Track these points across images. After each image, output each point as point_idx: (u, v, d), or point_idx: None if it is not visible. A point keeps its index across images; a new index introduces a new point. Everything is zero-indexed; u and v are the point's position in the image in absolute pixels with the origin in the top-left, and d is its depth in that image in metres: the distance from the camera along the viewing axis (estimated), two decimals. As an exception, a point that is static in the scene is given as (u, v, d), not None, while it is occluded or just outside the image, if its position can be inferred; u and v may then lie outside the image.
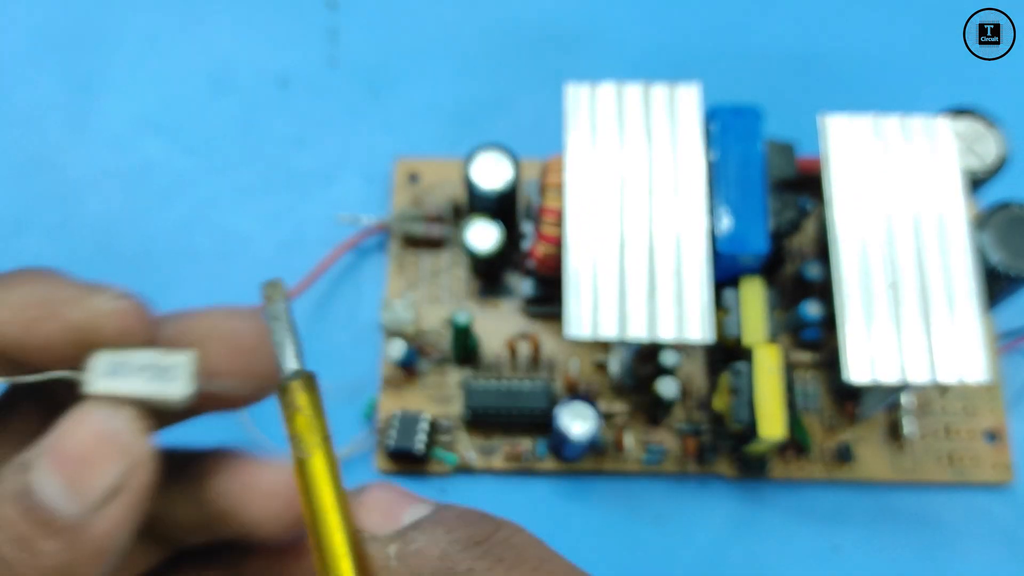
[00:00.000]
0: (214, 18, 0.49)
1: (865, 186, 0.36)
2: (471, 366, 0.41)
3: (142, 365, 0.24)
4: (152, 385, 0.23)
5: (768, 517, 0.39)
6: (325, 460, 0.22)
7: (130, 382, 0.24)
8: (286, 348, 0.23)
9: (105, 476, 0.23)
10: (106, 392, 0.23)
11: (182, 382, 0.23)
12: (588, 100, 0.37)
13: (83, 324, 0.24)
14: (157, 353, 0.24)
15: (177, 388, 0.23)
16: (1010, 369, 0.42)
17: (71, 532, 0.23)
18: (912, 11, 0.49)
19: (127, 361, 0.24)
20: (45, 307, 0.24)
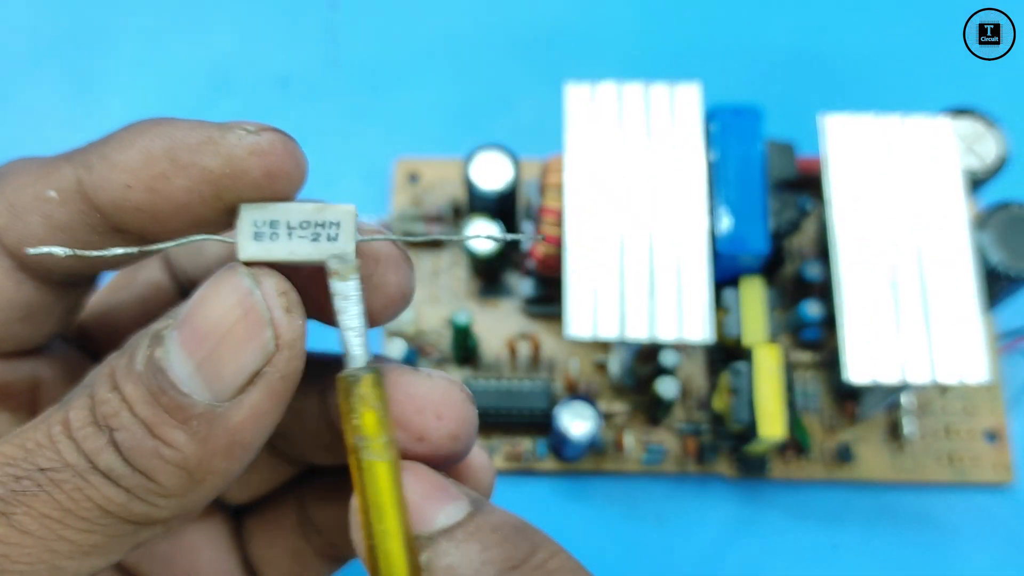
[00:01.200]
0: (215, 18, 0.49)
1: (865, 186, 0.36)
2: (471, 366, 0.41)
3: (298, 221, 0.20)
4: (315, 246, 0.20)
5: (768, 517, 0.39)
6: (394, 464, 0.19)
7: (289, 244, 0.20)
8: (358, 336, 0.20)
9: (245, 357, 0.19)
10: (262, 257, 0.20)
11: (347, 239, 0.20)
12: (588, 100, 0.37)
13: (222, 171, 0.20)
14: (311, 207, 0.20)
15: (343, 246, 0.20)
16: (1010, 369, 0.42)
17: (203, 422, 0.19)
18: (912, 11, 0.49)
19: (279, 218, 0.20)
20: (171, 159, 0.20)
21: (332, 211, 0.20)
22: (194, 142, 0.20)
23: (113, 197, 0.20)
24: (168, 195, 0.20)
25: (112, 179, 0.20)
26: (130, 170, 0.20)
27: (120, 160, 0.20)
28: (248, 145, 0.20)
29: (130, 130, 0.21)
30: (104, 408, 0.19)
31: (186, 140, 0.20)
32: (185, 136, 0.20)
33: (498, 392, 0.39)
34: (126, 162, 0.20)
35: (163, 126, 0.21)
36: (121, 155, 0.20)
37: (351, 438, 0.19)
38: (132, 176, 0.20)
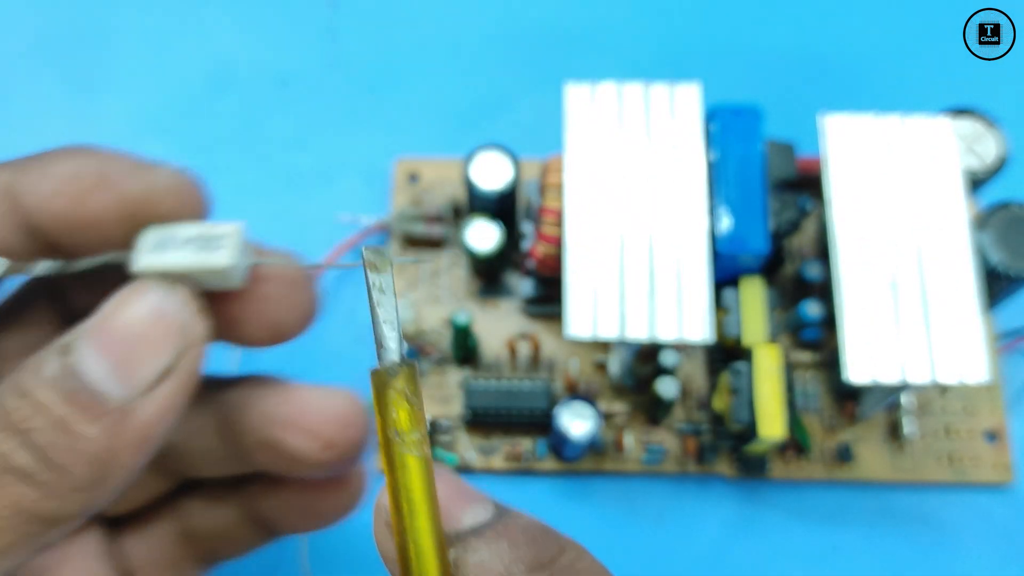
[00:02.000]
0: (214, 17, 0.49)
1: (865, 186, 0.36)
2: (471, 366, 0.41)
3: (188, 237, 0.22)
4: (198, 256, 0.22)
5: (768, 517, 0.39)
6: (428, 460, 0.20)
7: (175, 255, 0.22)
8: (393, 330, 0.20)
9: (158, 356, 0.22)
10: (152, 267, 0.22)
11: (229, 251, 0.22)
12: (588, 100, 0.37)
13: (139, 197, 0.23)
14: (204, 225, 0.22)
15: (224, 256, 0.22)
16: (1010, 369, 0.42)
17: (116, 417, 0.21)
18: (912, 11, 0.49)
19: (174, 235, 0.22)
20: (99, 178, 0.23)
21: (220, 227, 0.22)
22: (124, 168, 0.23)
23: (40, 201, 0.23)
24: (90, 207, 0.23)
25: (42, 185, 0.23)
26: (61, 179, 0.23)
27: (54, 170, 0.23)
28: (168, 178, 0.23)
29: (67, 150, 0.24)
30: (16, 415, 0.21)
31: (116, 165, 0.23)
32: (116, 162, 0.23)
33: (498, 392, 0.39)
34: (59, 173, 0.23)
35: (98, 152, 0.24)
36: (55, 167, 0.23)
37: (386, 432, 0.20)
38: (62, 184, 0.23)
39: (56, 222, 0.23)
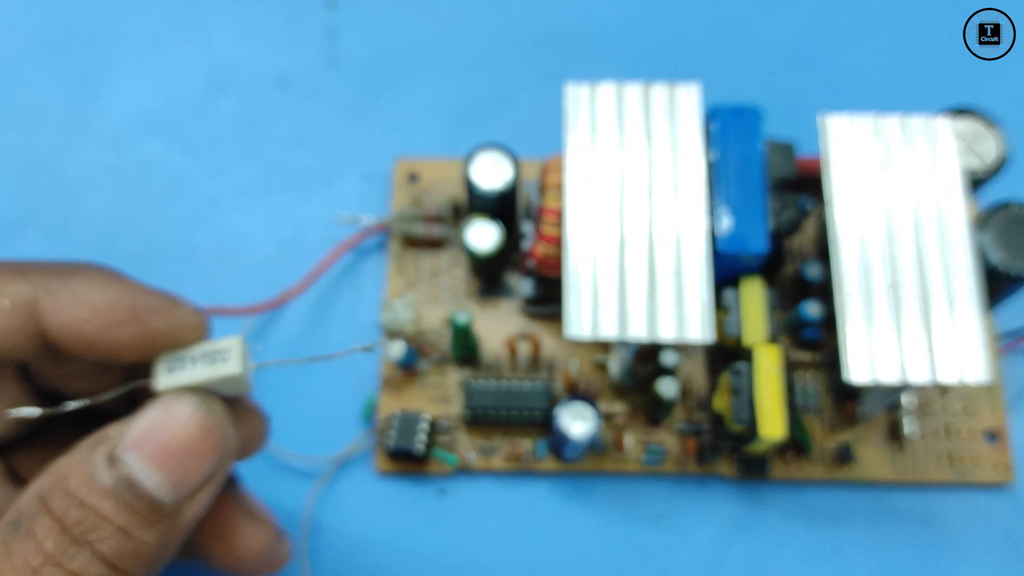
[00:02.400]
0: (214, 18, 0.49)
1: (865, 186, 0.36)
2: (471, 366, 0.41)
3: (198, 355, 0.26)
4: (212, 368, 0.25)
5: (768, 517, 0.39)
6: None
7: (192, 371, 0.26)
8: None
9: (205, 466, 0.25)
10: (172, 384, 0.25)
11: (237, 360, 0.26)
12: (588, 100, 0.37)
13: (163, 333, 0.26)
14: (207, 344, 0.26)
15: (234, 366, 0.25)
16: (1010, 369, 0.42)
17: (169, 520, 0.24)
18: (912, 11, 0.49)
19: (185, 356, 0.26)
20: (130, 314, 0.25)
21: (224, 342, 0.26)
22: (153, 305, 0.26)
23: (67, 324, 0.25)
24: (117, 337, 0.25)
25: (73, 311, 0.25)
26: (94, 310, 0.25)
27: (88, 300, 0.25)
28: (191, 321, 0.26)
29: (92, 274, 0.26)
30: (81, 527, 0.23)
31: (147, 302, 0.26)
32: (146, 299, 0.26)
33: (498, 392, 0.39)
34: (93, 303, 0.25)
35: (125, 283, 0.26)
36: (89, 296, 0.25)
37: None
38: (93, 314, 0.25)
39: (76, 343, 0.25)
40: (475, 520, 0.39)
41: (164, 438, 0.24)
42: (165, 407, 0.25)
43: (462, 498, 0.40)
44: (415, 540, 0.39)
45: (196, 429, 0.25)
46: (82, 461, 0.24)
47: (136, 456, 0.24)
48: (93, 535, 0.23)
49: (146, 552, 0.24)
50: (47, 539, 0.23)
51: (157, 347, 0.26)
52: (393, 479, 0.40)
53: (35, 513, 0.23)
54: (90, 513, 0.23)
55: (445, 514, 0.39)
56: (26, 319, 0.25)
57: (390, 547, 0.39)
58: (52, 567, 0.23)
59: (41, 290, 0.25)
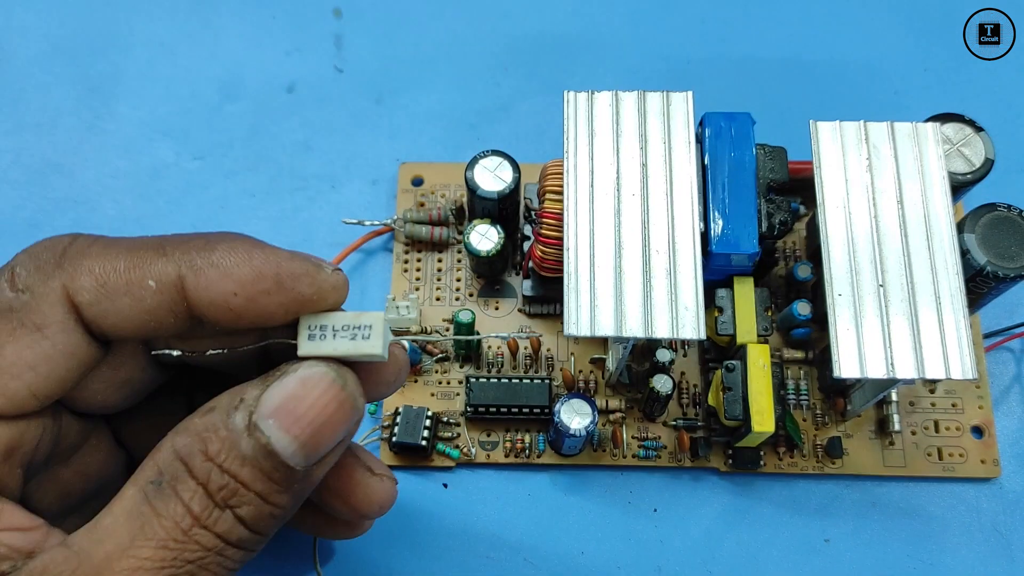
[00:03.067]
0: (223, 26, 0.50)
1: (854, 189, 0.37)
2: (473, 364, 0.42)
3: (341, 325, 0.26)
4: (354, 344, 0.25)
5: (760, 510, 0.40)
6: None
7: (335, 343, 0.25)
8: None
9: (337, 434, 0.25)
10: (317, 353, 0.25)
11: (378, 339, 0.25)
12: (586, 107, 0.38)
13: (309, 298, 0.26)
14: (351, 315, 0.26)
15: (376, 345, 0.25)
16: (996, 366, 0.43)
17: (299, 484, 0.25)
18: (901, 19, 0.50)
19: (327, 324, 0.26)
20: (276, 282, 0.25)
21: (366, 317, 0.26)
22: (297, 271, 0.25)
23: (214, 298, 0.25)
24: (263, 306, 0.25)
25: (220, 285, 0.25)
26: (241, 283, 0.25)
27: (234, 273, 0.25)
28: (333, 282, 0.26)
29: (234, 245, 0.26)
30: (224, 492, 0.24)
31: (291, 269, 0.25)
32: (290, 265, 0.25)
33: (499, 389, 0.40)
34: (239, 276, 0.25)
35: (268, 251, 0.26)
36: (235, 269, 0.25)
37: None
38: (241, 287, 0.25)
39: (224, 315, 0.25)
40: (477, 512, 0.40)
41: (302, 409, 0.24)
42: (302, 378, 0.25)
43: (464, 491, 0.41)
44: (420, 531, 0.40)
45: (332, 402, 0.25)
46: (220, 424, 0.24)
47: (274, 425, 0.24)
48: (234, 499, 0.24)
49: (279, 515, 0.25)
50: (193, 501, 0.23)
51: (303, 311, 0.26)
52: (398, 473, 0.41)
53: (178, 474, 0.24)
54: (231, 479, 0.24)
55: (448, 506, 0.40)
56: (173, 298, 0.25)
57: (395, 538, 0.40)
58: (201, 530, 0.23)
59: (185, 267, 0.25)
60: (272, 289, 0.25)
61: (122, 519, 0.23)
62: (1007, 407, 0.42)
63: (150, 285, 0.25)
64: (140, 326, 0.25)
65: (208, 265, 0.25)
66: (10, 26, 0.50)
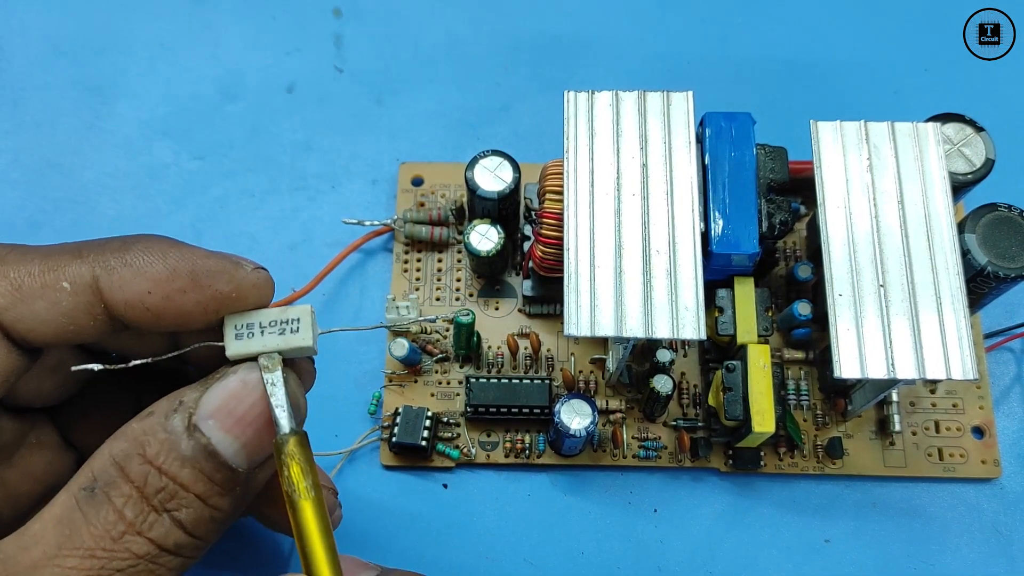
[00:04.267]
0: (223, 26, 0.50)
1: (855, 189, 0.37)
2: (473, 364, 0.42)
3: (269, 321, 0.26)
4: (283, 339, 0.25)
5: (760, 510, 0.40)
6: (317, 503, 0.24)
7: (264, 339, 0.25)
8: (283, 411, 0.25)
9: None
10: (247, 352, 0.25)
11: (307, 331, 0.25)
12: (586, 107, 0.38)
13: (228, 296, 0.25)
14: (277, 311, 0.26)
15: (306, 338, 0.25)
16: (997, 367, 0.43)
17: (242, 487, 0.24)
18: (901, 19, 0.50)
19: (253, 322, 0.26)
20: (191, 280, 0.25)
21: (293, 311, 0.26)
22: (214, 269, 0.25)
23: (129, 298, 0.25)
24: (180, 305, 0.25)
25: (134, 284, 0.25)
26: (155, 281, 0.25)
27: (148, 271, 0.25)
28: (253, 280, 0.26)
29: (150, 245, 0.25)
30: (162, 495, 0.23)
31: (207, 266, 0.25)
32: (206, 263, 0.25)
33: (499, 389, 0.40)
34: (153, 274, 0.25)
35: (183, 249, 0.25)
36: (148, 267, 0.25)
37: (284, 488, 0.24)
38: (155, 286, 0.25)
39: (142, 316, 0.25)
40: (477, 512, 0.40)
41: (242, 409, 0.24)
42: (243, 379, 0.25)
43: (464, 491, 0.41)
44: (420, 532, 0.40)
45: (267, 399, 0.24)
46: (159, 427, 0.24)
47: (215, 425, 0.24)
48: (172, 502, 0.23)
49: (220, 518, 0.24)
50: (127, 507, 0.23)
51: (224, 310, 0.25)
52: (398, 473, 0.41)
53: (112, 479, 0.23)
54: (169, 481, 0.23)
55: (448, 506, 0.40)
56: (89, 300, 0.25)
57: (396, 538, 0.40)
58: (133, 536, 0.23)
59: (99, 268, 0.25)
60: (188, 287, 0.25)
61: (51, 526, 0.23)
62: (1008, 407, 0.42)
63: (64, 287, 0.24)
64: (59, 330, 0.25)
65: (122, 265, 0.25)
66: (10, 26, 0.50)
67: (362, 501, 0.40)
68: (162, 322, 0.25)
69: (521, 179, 0.41)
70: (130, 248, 0.25)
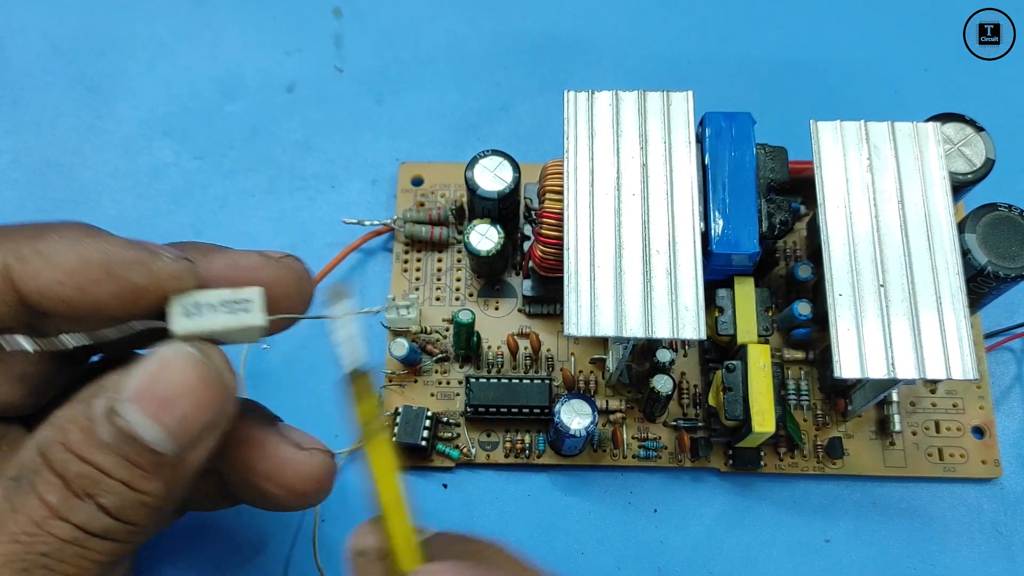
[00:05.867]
0: (223, 25, 0.51)
1: (855, 189, 0.37)
2: (472, 364, 0.42)
3: (219, 301, 0.25)
4: (234, 317, 0.25)
5: (761, 510, 0.40)
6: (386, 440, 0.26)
7: (213, 317, 0.25)
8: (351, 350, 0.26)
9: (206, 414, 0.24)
10: (193, 330, 0.25)
11: (258, 312, 0.25)
12: (586, 107, 0.38)
13: (142, 287, 0.24)
14: (228, 291, 0.25)
15: (258, 317, 0.25)
16: (997, 367, 0.43)
17: (172, 469, 0.24)
18: (901, 19, 0.50)
19: (201, 301, 0.25)
20: (104, 270, 0.24)
21: (244, 291, 0.25)
22: (129, 259, 0.24)
23: (41, 287, 0.24)
24: (95, 296, 0.24)
25: (46, 274, 0.24)
26: (66, 271, 0.24)
27: (59, 261, 0.24)
28: (171, 270, 0.25)
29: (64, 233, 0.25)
30: (84, 482, 0.23)
31: (122, 256, 0.24)
32: (120, 253, 0.24)
33: (499, 389, 0.40)
34: (64, 264, 0.24)
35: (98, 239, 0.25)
36: (60, 257, 0.24)
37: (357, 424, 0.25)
38: (67, 276, 0.24)
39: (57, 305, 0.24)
40: (477, 512, 0.40)
41: (163, 390, 0.23)
42: (161, 358, 0.24)
43: (464, 491, 0.41)
44: (418, 532, 0.40)
45: (195, 380, 0.24)
46: (80, 414, 0.23)
47: (135, 409, 0.23)
48: (95, 489, 0.23)
49: (151, 502, 0.24)
50: (49, 494, 0.23)
51: (141, 302, 0.25)
52: (397, 473, 0.41)
53: (37, 468, 0.23)
54: (91, 468, 0.23)
55: (448, 507, 0.40)
56: (1, 288, 0.24)
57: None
58: (56, 521, 0.23)
59: (11, 256, 0.24)
60: (101, 278, 0.24)
61: None
62: (1008, 407, 0.42)
63: None
64: None
65: (33, 253, 0.24)
66: (10, 26, 0.50)
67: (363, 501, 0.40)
68: (78, 312, 0.24)
69: (521, 179, 0.41)
70: (44, 236, 0.25)
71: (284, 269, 0.26)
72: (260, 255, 0.26)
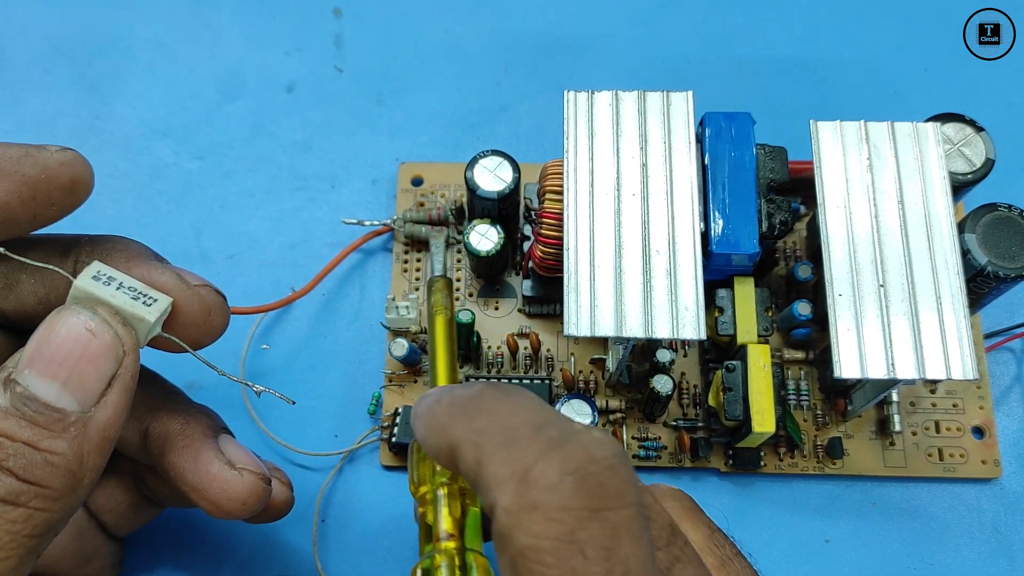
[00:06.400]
0: (223, 25, 0.51)
1: (855, 189, 0.37)
2: (472, 364, 0.42)
3: (129, 287, 0.26)
4: (131, 303, 0.26)
5: (760, 510, 0.40)
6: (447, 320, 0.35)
7: (114, 292, 0.26)
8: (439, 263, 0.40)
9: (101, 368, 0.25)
10: (90, 291, 0.25)
11: (156, 313, 0.26)
12: (586, 107, 0.38)
13: (38, 177, 0.25)
14: (144, 285, 0.26)
15: (152, 312, 0.26)
16: (997, 367, 0.43)
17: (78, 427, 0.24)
18: (901, 19, 0.50)
19: (116, 277, 0.26)
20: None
21: (157, 292, 0.26)
22: (15, 155, 0.25)
23: None
24: None
25: None
26: None
27: None
28: (59, 158, 0.26)
29: None
30: None
31: (7, 153, 0.25)
32: (6, 151, 0.25)
33: (499, 389, 0.40)
34: None
35: None
36: None
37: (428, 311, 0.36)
38: None
39: None
40: (476, 513, 0.40)
41: (52, 348, 0.24)
42: (49, 323, 0.25)
43: (464, 491, 0.41)
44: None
45: (82, 333, 0.24)
46: None
47: (30, 373, 0.24)
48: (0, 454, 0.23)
49: (59, 462, 0.24)
50: None
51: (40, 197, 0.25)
52: (398, 473, 0.41)
53: None
54: None
55: (447, 507, 0.40)
56: None
57: (396, 538, 0.40)
58: None
59: None
60: None
61: None
62: (1008, 407, 0.42)
63: None
64: None
65: None
66: (10, 26, 0.50)
67: (362, 501, 0.40)
68: None
69: (521, 179, 0.41)
70: None
71: (195, 297, 0.27)
72: (178, 277, 0.27)
